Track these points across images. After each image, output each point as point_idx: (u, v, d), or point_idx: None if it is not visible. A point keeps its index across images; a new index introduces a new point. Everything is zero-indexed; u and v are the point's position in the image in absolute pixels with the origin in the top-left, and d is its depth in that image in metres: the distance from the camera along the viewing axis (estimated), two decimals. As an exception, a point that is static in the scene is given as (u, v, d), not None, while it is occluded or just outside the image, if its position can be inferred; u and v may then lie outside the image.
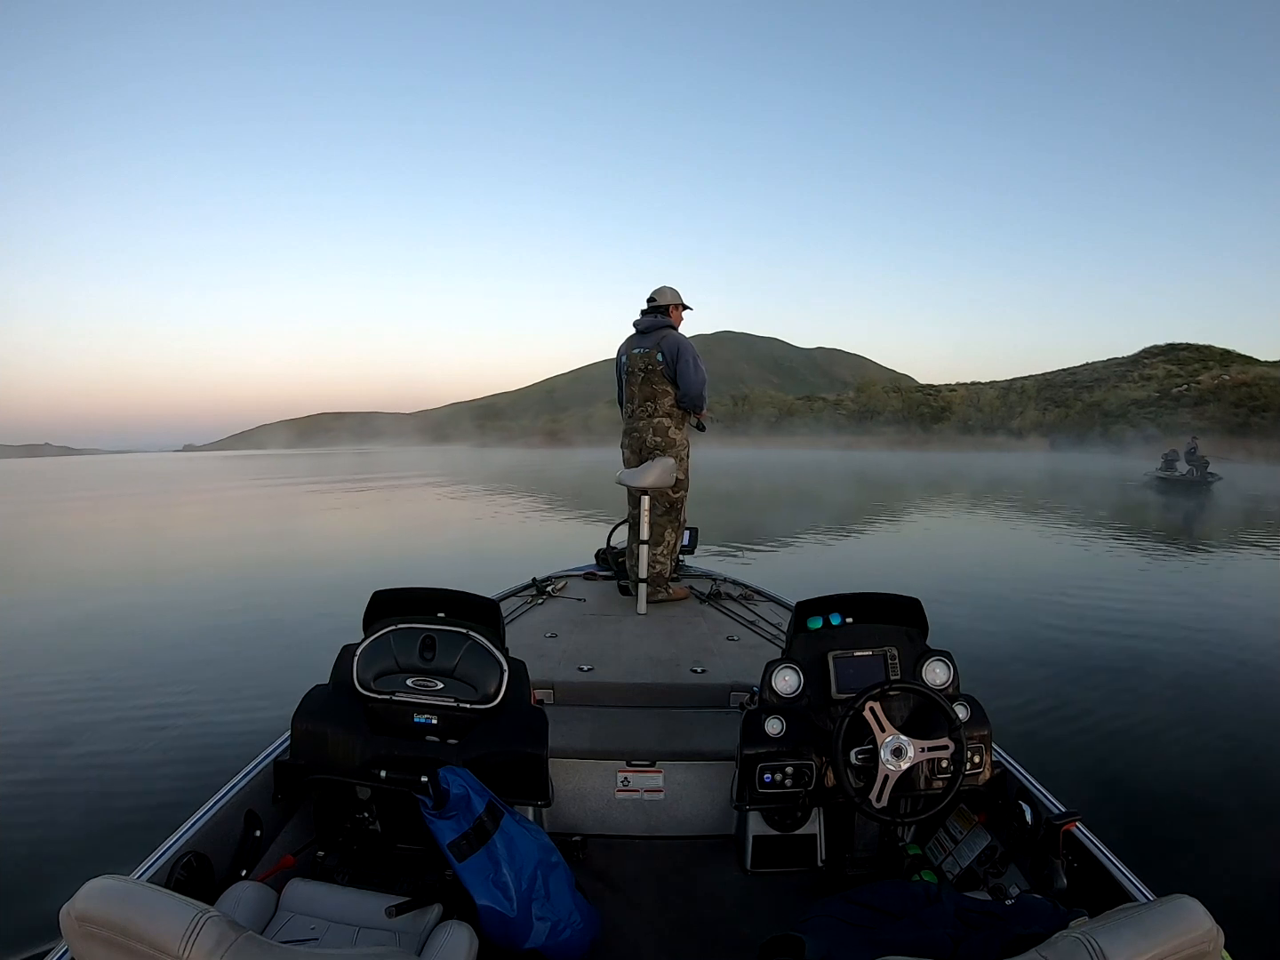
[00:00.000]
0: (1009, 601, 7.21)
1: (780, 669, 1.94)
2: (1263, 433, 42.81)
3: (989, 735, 1.85)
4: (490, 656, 1.81)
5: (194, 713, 4.25)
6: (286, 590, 8.12)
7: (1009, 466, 34.17)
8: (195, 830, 1.57)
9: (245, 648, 5.75)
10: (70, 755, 3.69)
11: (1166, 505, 18.03)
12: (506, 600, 3.56)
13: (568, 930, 1.50)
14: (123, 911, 0.89)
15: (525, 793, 1.72)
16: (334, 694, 1.82)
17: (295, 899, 1.47)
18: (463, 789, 1.51)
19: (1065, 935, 0.90)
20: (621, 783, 2.14)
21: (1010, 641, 5.64)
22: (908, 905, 1.38)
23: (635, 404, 3.67)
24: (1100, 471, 30.06)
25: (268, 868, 1.72)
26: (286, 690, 2.11)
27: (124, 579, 8.99)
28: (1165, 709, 4.28)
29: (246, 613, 6.89)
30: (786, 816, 2.01)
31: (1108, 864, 1.54)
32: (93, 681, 4.84)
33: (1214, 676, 4.87)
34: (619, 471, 3.66)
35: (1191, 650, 5.46)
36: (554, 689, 2.43)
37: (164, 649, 5.69)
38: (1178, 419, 50.69)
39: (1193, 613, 6.65)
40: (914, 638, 1.97)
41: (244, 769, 1.83)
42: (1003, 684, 4.60)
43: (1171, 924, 0.89)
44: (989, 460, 41.00)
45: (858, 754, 1.73)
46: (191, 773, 3.38)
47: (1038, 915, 1.27)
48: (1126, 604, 6.98)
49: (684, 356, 3.54)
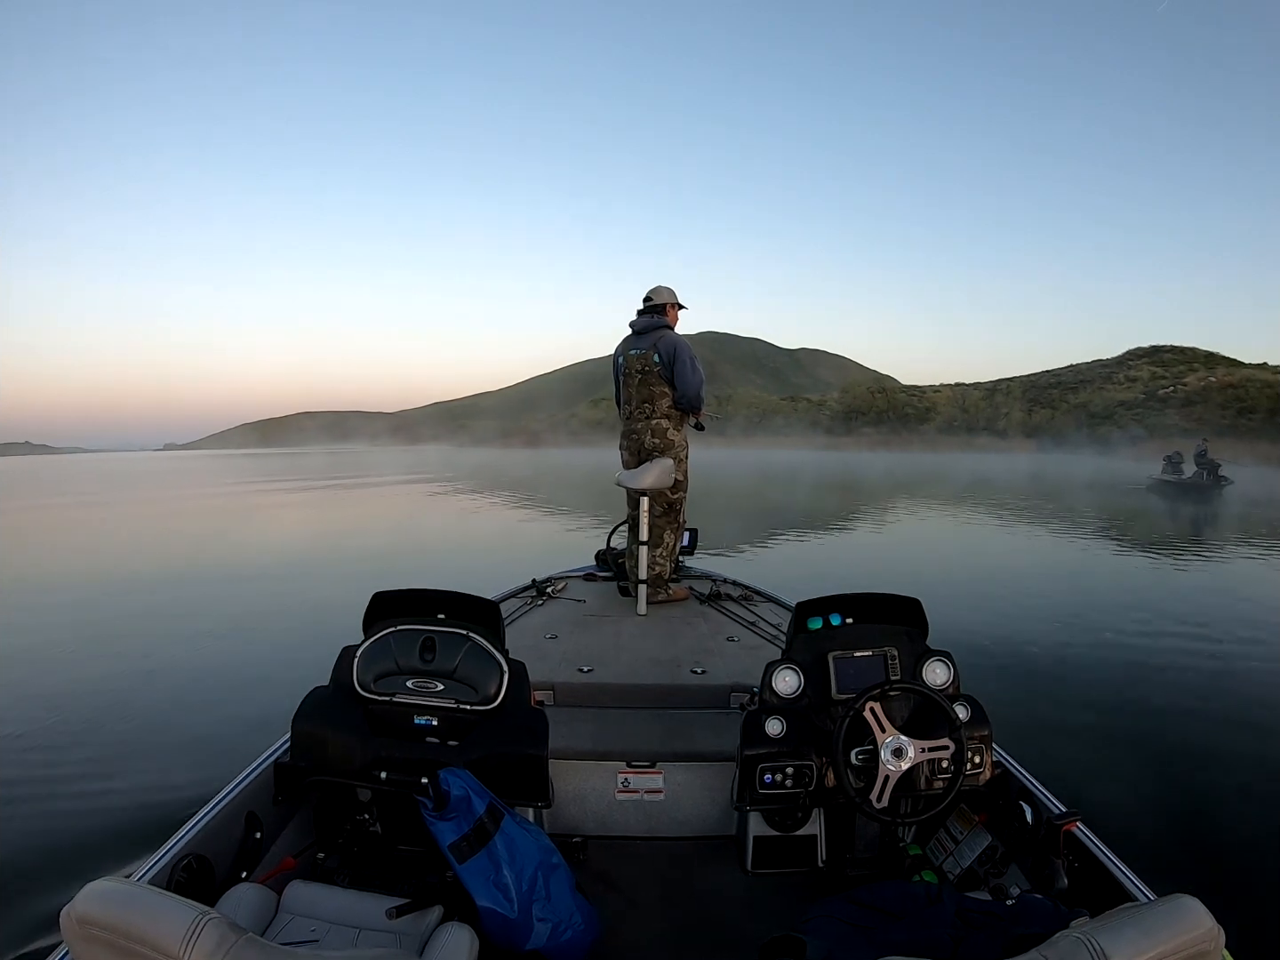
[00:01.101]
0: (1009, 602, 7.21)
1: (780, 669, 1.94)
2: (1264, 435, 42.75)
3: (989, 735, 1.84)
4: (490, 658, 1.81)
5: (193, 713, 4.25)
6: (287, 590, 8.13)
7: (997, 468, 33.51)
8: (195, 832, 1.57)
9: (245, 648, 5.76)
10: (71, 754, 3.69)
11: (1179, 511, 16.98)
12: (506, 601, 3.56)
13: (569, 931, 1.50)
14: (123, 913, 0.89)
15: (526, 794, 1.72)
16: (334, 695, 1.82)
17: (296, 901, 1.47)
18: (463, 790, 1.51)
19: (1066, 935, 0.89)
20: (622, 784, 2.13)
21: (1010, 642, 5.64)
22: (908, 905, 1.38)
23: (633, 405, 3.66)
24: (1091, 474, 29.16)
25: (268, 870, 1.72)
26: (287, 691, 2.11)
27: (122, 581, 8.99)
28: (1165, 709, 4.28)
29: (246, 612, 6.90)
30: (787, 817, 2.01)
31: (1108, 864, 1.54)
32: (91, 681, 4.84)
33: (1214, 676, 4.87)
34: (618, 473, 3.65)
35: (1192, 650, 5.47)
36: (554, 690, 2.43)
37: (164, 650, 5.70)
38: (1165, 420, 51.00)
39: (1193, 613, 6.66)
40: (914, 638, 1.97)
41: (244, 771, 1.83)
42: (1003, 684, 4.60)
43: (1172, 923, 0.89)
44: (976, 461, 40.54)
45: (858, 754, 1.73)
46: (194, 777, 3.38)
47: (1038, 915, 1.27)
48: (1127, 605, 6.99)
49: (681, 357, 3.53)
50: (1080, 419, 58.06)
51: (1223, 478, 19.73)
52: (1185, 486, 20.25)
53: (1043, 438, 56.60)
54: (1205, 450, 20.70)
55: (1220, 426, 44.93)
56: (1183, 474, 20.86)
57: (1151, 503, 18.84)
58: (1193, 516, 16.04)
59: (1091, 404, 60.35)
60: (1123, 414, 56.12)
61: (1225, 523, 14.83)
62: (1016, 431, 60.71)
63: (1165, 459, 22.18)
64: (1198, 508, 17.49)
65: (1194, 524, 14.88)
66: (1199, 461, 20.39)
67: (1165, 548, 10.97)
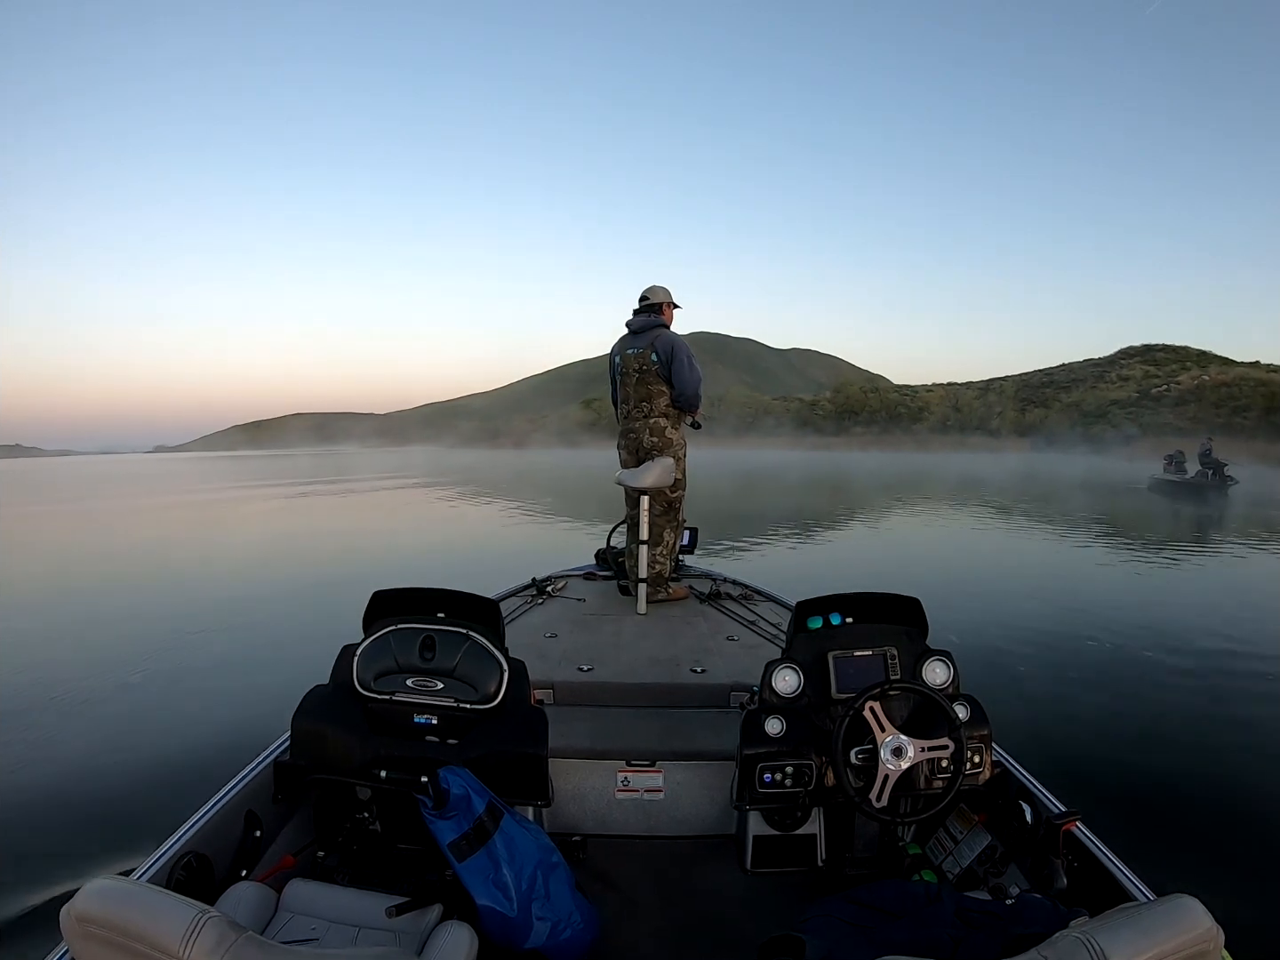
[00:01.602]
0: (1009, 602, 7.22)
1: (780, 669, 1.94)
2: (1259, 433, 42.64)
3: (989, 735, 1.84)
4: (490, 656, 1.81)
5: (196, 712, 4.25)
6: (286, 591, 8.12)
7: (993, 468, 33.01)
8: (195, 831, 1.57)
9: (246, 649, 5.75)
10: (70, 754, 3.69)
11: (1186, 512, 16.32)
12: (506, 600, 3.56)
13: (568, 930, 1.50)
14: (123, 912, 0.89)
15: (525, 793, 1.72)
16: (334, 694, 1.82)
17: (295, 899, 1.47)
18: (463, 789, 1.51)
19: (1065, 935, 0.90)
20: (621, 782, 2.14)
21: (1010, 641, 5.64)
22: (908, 905, 1.38)
23: (631, 405, 3.66)
24: (1085, 474, 28.67)
25: (268, 868, 1.72)
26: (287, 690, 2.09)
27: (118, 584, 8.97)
28: (1166, 708, 4.28)
29: (247, 613, 6.90)
30: (786, 816, 2.01)
31: (1108, 863, 1.54)
32: (92, 680, 4.84)
33: (1215, 676, 4.87)
34: (618, 472, 3.66)
35: (1193, 649, 5.47)
36: (554, 689, 2.43)
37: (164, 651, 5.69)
38: (1159, 419, 51.10)
39: (1194, 612, 6.66)
40: (914, 637, 1.97)
41: (244, 769, 1.83)
42: (1003, 683, 4.60)
43: (1172, 923, 0.90)
44: (969, 461, 40.12)
45: (858, 754, 1.73)
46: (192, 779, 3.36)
47: (1038, 915, 1.27)
48: (1127, 604, 6.99)
49: (678, 356, 3.53)
50: (1074, 418, 58.14)
51: (1228, 477, 19.04)
52: (1190, 486, 19.53)
53: (1036, 437, 56.57)
54: (1210, 449, 19.96)
55: (1214, 425, 45.00)
56: (1186, 473, 20.18)
57: (1155, 503, 18.27)
58: (1200, 517, 15.57)
59: (1084, 403, 60.57)
60: (1117, 413, 56.28)
61: (1234, 522, 14.44)
62: (1010, 431, 60.82)
63: (1166, 458, 21.58)
64: (1204, 507, 16.96)
65: (1199, 524, 14.45)
66: (1204, 460, 19.65)
67: (1174, 548, 10.93)
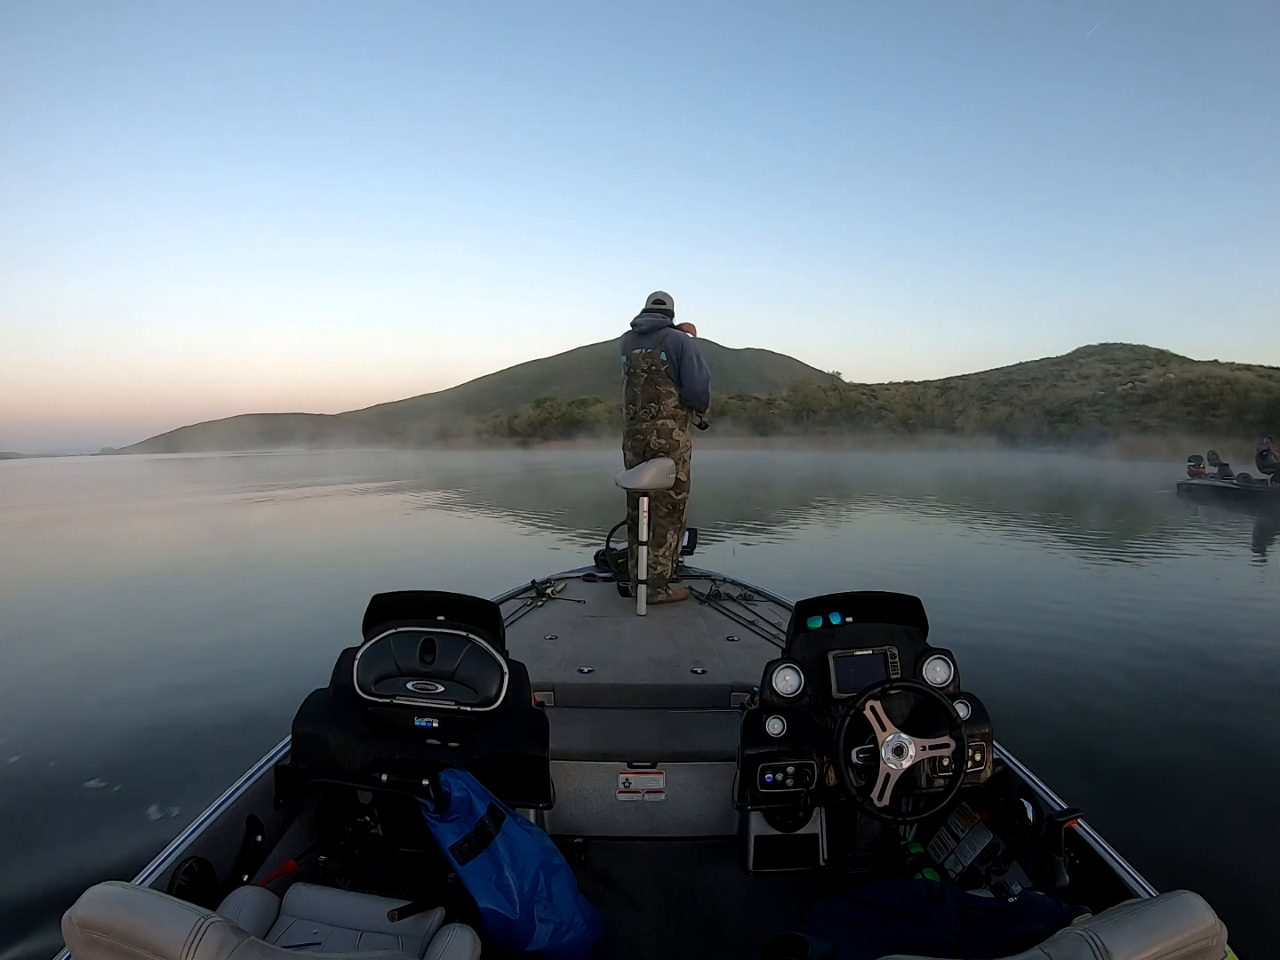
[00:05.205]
0: (1009, 601, 7.21)
1: (780, 669, 1.94)
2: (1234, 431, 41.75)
3: (990, 733, 1.85)
4: (490, 659, 1.81)
5: (195, 713, 4.23)
6: (285, 592, 8.10)
7: (992, 468, 31.83)
8: (197, 835, 1.57)
9: (246, 650, 5.72)
10: (70, 754, 3.68)
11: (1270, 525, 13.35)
12: (506, 602, 3.56)
13: (570, 932, 1.50)
14: (125, 917, 0.89)
15: (527, 795, 1.72)
16: (334, 698, 1.81)
17: (297, 904, 1.47)
18: (464, 792, 1.51)
19: (1068, 932, 0.90)
20: (623, 784, 2.13)
21: (1011, 640, 5.64)
22: (910, 904, 1.38)
23: (638, 405, 3.65)
24: (1085, 475, 27.75)
25: (269, 873, 1.71)
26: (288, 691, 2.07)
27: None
28: (1166, 706, 4.28)
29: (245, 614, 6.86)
30: (788, 816, 2.01)
31: (1110, 861, 1.55)
32: (90, 681, 4.83)
33: (1216, 675, 4.86)
34: (618, 473, 3.65)
35: (1193, 648, 5.47)
36: (554, 691, 2.43)
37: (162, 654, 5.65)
38: (1128, 417, 51.14)
39: (1194, 612, 6.66)
40: (914, 636, 1.97)
41: (245, 773, 1.83)
42: (1003, 682, 4.59)
43: (1174, 920, 0.90)
44: (949, 461, 38.67)
45: (859, 753, 1.73)
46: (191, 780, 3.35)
47: (1040, 912, 1.27)
48: (1127, 603, 6.99)
49: (687, 353, 3.53)
50: (1038, 415, 58.28)
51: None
52: (1238, 492, 17.15)
53: (1002, 435, 56.34)
54: (1269, 450, 17.58)
55: (1188, 424, 44.93)
56: (1231, 476, 18.02)
57: (1216, 516, 14.97)
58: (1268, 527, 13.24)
59: (1046, 400, 60.95)
60: (1085, 411, 56.34)
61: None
62: (975, 429, 60.69)
63: (1191, 459, 19.95)
64: (1268, 516, 14.28)
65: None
66: (1262, 464, 17.34)
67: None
